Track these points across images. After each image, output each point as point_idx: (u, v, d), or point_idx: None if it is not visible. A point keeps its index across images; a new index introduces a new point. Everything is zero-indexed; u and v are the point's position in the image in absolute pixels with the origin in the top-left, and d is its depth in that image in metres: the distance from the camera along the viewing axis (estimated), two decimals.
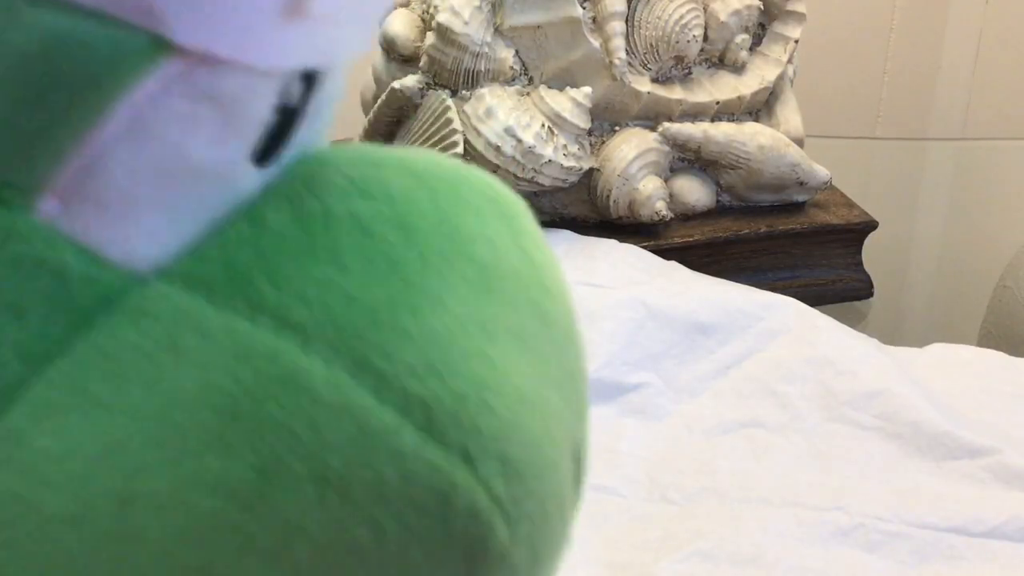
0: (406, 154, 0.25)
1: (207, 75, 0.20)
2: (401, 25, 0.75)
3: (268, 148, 0.22)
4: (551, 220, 0.78)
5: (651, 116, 0.78)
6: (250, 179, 0.22)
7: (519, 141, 0.72)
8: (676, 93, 0.78)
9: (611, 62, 0.74)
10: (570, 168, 0.74)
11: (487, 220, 0.24)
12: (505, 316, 0.23)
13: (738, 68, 0.81)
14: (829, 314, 0.71)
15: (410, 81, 0.74)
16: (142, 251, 0.21)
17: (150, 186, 0.20)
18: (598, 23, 0.74)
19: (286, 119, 0.22)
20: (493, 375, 0.21)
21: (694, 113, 0.79)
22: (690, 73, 0.80)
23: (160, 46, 0.19)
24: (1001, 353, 0.72)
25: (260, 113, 0.21)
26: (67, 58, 0.19)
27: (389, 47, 0.76)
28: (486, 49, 0.73)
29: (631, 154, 0.76)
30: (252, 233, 0.21)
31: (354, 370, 0.20)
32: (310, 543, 0.19)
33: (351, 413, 0.20)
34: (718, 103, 0.79)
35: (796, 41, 0.82)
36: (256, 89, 0.21)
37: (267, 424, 0.20)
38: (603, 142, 0.77)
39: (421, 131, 0.74)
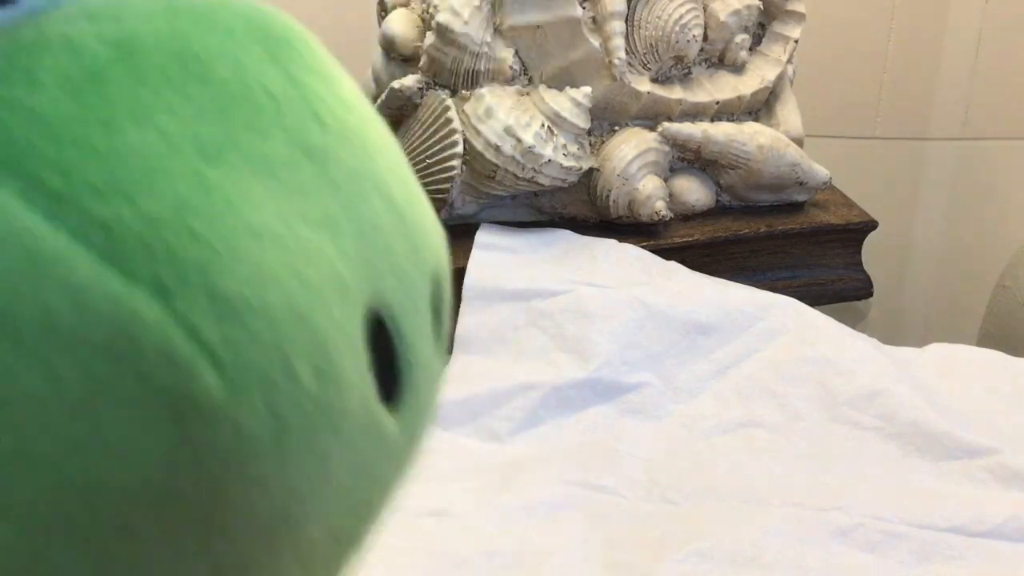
0: None
1: None
2: (401, 25, 0.75)
3: None
4: (551, 220, 0.78)
5: (651, 116, 0.78)
6: None
7: (519, 141, 0.72)
8: (676, 93, 0.78)
9: (611, 62, 0.74)
10: (570, 168, 0.74)
11: (241, 42, 0.21)
12: (242, 141, 0.20)
13: (738, 68, 0.81)
14: (829, 314, 0.71)
15: (410, 81, 0.74)
16: None
17: None
18: (598, 23, 0.74)
19: None
20: (205, 199, 0.19)
21: (694, 113, 0.79)
22: (690, 73, 0.80)
23: None
24: (1001, 353, 0.72)
25: None
26: None
27: (389, 47, 0.76)
28: (486, 49, 0.73)
29: (631, 154, 0.75)
30: None
31: (25, 191, 0.18)
32: None
33: (16, 238, 0.17)
34: (718, 103, 0.79)
35: (796, 41, 0.82)
36: None
37: None
38: (603, 142, 0.77)
39: (421, 131, 0.74)
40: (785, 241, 0.81)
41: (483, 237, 0.74)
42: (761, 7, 0.81)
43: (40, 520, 0.17)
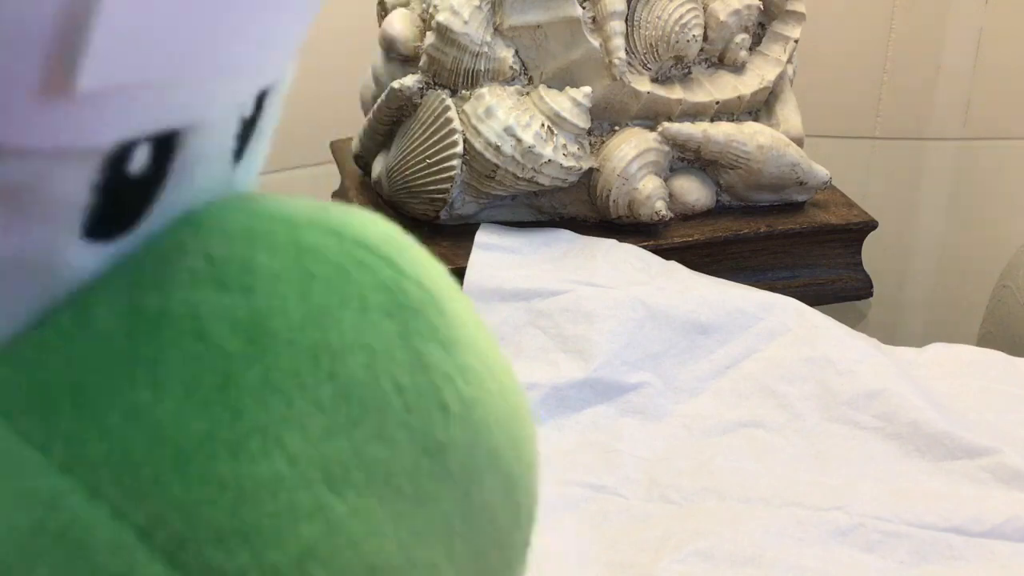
0: (305, 221, 0.21)
1: None
2: (401, 25, 0.75)
3: (111, 222, 0.19)
4: (551, 220, 0.78)
5: (651, 116, 0.78)
6: (88, 257, 0.19)
7: (519, 141, 0.72)
8: (676, 93, 0.78)
9: (611, 62, 0.74)
10: (570, 168, 0.74)
11: (371, 319, 0.20)
12: (369, 456, 0.19)
13: (738, 68, 0.81)
14: (829, 314, 0.71)
15: (410, 81, 0.74)
16: None
17: None
18: (598, 23, 0.74)
19: (133, 189, 0.19)
20: (329, 541, 0.18)
21: (694, 113, 0.79)
22: (690, 73, 0.80)
23: None
24: (1001, 353, 0.72)
25: (69, 194, 0.18)
26: None
27: (389, 47, 0.76)
28: (486, 49, 0.73)
29: (631, 154, 0.75)
30: (72, 332, 0.18)
31: (145, 530, 0.17)
32: None
33: None
34: (718, 103, 0.79)
35: (796, 41, 0.82)
36: (48, 172, 0.17)
37: None
38: (603, 142, 0.77)
39: (421, 131, 0.74)
40: (785, 241, 0.81)
41: (483, 237, 0.74)
42: (761, 7, 0.81)
43: None
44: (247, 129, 0.22)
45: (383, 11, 0.79)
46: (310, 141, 0.89)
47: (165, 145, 0.19)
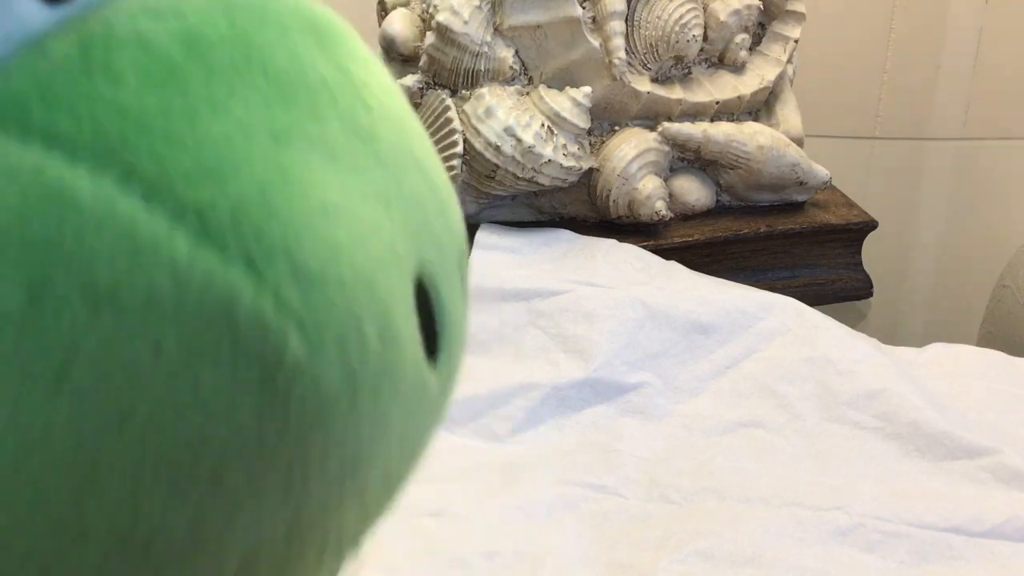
0: None
1: None
2: (401, 25, 0.75)
3: None
4: (551, 220, 0.78)
5: (651, 116, 0.78)
6: (36, 15, 0.21)
7: (519, 141, 0.72)
8: (676, 93, 0.78)
9: (611, 62, 0.74)
10: (570, 168, 0.74)
11: (292, 34, 0.23)
12: (305, 126, 0.22)
13: (738, 68, 0.81)
14: (829, 314, 0.71)
15: (409, 81, 0.74)
16: None
17: None
18: (598, 23, 0.74)
19: None
20: (281, 180, 0.21)
21: (694, 113, 0.79)
22: (690, 73, 0.80)
23: None
24: (1001, 353, 0.72)
25: None
26: None
27: (389, 47, 0.76)
28: (486, 49, 0.73)
29: (631, 154, 0.76)
30: (31, 60, 0.21)
31: (121, 179, 0.19)
32: (88, 364, 0.19)
33: (118, 223, 0.19)
34: (718, 103, 0.79)
35: (796, 41, 0.82)
36: None
37: (33, 243, 0.19)
38: (603, 142, 0.77)
39: None
40: (785, 241, 0.81)
41: (483, 237, 0.74)
42: (761, 7, 0.81)
43: (145, 476, 0.19)
44: None
45: (383, 11, 0.79)
46: None
47: None
